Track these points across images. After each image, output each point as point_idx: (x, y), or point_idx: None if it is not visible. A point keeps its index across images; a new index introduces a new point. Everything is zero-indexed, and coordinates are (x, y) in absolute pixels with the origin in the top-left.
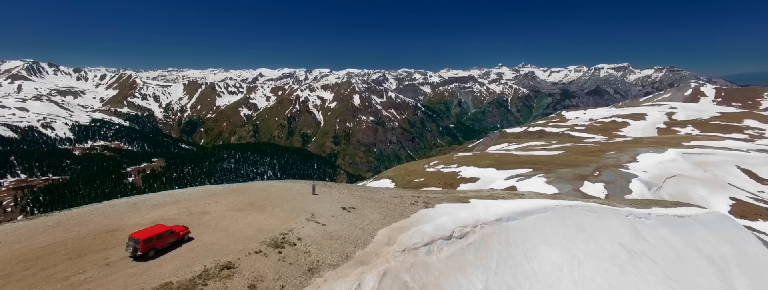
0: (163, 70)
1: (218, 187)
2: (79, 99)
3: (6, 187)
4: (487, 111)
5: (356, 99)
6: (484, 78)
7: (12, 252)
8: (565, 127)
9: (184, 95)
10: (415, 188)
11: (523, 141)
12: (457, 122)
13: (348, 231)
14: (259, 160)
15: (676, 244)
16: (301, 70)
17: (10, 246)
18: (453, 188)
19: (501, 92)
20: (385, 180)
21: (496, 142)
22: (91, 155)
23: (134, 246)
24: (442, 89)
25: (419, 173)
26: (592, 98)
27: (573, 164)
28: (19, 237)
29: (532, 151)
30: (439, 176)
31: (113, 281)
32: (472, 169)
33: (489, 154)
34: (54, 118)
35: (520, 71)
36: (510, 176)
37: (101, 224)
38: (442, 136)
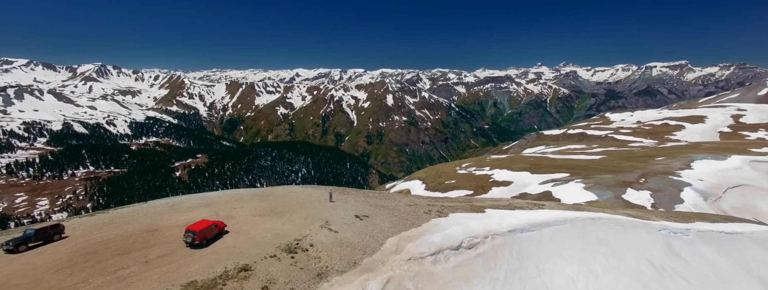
0: (208, 70)
1: (245, 191)
2: (136, 98)
3: (79, 177)
4: (523, 112)
5: (389, 99)
6: (522, 78)
7: (77, 245)
8: (608, 130)
9: (226, 95)
10: (445, 190)
11: (561, 144)
12: (491, 123)
13: (358, 239)
14: (294, 158)
15: (719, 264)
16: (336, 71)
17: (77, 240)
18: (484, 191)
19: (539, 92)
20: (416, 181)
21: (533, 144)
22: (145, 150)
23: (192, 237)
24: (476, 89)
25: (450, 175)
26: (642, 98)
27: (615, 169)
28: (84, 232)
29: (571, 155)
30: (470, 179)
31: (150, 277)
32: (505, 172)
33: (524, 157)
34: (116, 116)
35: (560, 71)
36: (545, 181)
37: (144, 223)
38: (476, 137)
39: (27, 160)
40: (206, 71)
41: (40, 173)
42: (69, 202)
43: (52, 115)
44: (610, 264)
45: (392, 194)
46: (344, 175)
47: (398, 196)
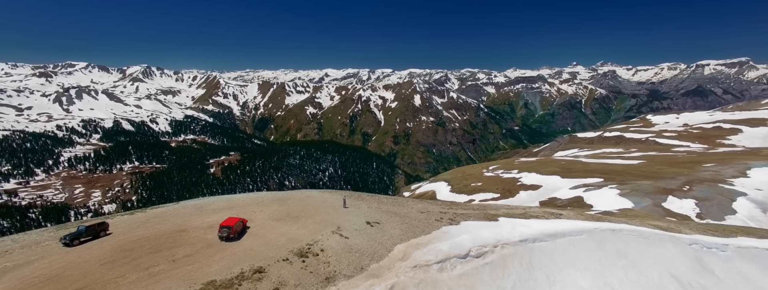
0: (241, 71)
1: (266, 195)
2: (176, 98)
3: (126, 172)
4: (556, 113)
5: (417, 99)
6: (555, 78)
7: (118, 242)
8: (649, 132)
9: (258, 94)
10: (471, 193)
11: (595, 147)
12: (522, 124)
13: (367, 245)
14: (321, 157)
15: (762, 284)
16: (365, 71)
17: (118, 237)
18: (511, 195)
19: (574, 92)
20: (442, 183)
21: (565, 147)
22: (183, 147)
23: (227, 232)
24: (507, 90)
25: (477, 177)
26: (691, 99)
27: (656, 175)
28: (124, 230)
29: (606, 159)
30: (497, 182)
31: (176, 275)
32: (533, 175)
33: (554, 160)
34: (158, 114)
35: (597, 70)
36: (576, 186)
37: (174, 224)
38: (505, 138)
39: (84, 154)
40: (240, 72)
41: (94, 166)
42: (117, 194)
43: (105, 113)
44: (628, 277)
45: (406, 200)
46: (370, 175)
47: (412, 202)
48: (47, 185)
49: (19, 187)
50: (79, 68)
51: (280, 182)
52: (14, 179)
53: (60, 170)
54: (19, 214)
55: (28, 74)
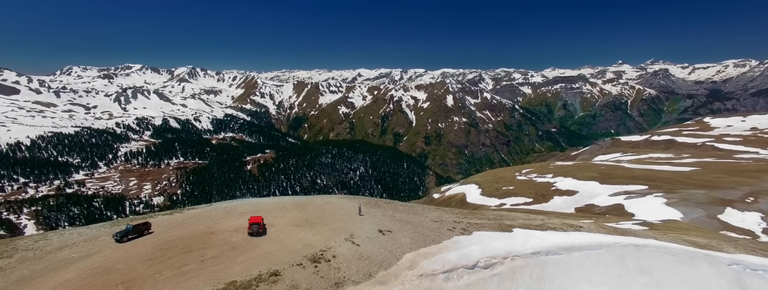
0: (278, 71)
1: (289, 200)
2: (217, 97)
3: (172, 167)
4: (598, 115)
5: (449, 100)
6: (598, 78)
7: (157, 241)
8: (707, 137)
9: (293, 94)
10: (502, 197)
11: (641, 152)
12: (560, 126)
13: (377, 253)
14: (352, 156)
15: None
16: (397, 71)
17: (158, 236)
18: (545, 200)
19: (619, 93)
20: (472, 185)
21: (606, 151)
22: (222, 144)
23: (257, 228)
24: (544, 90)
25: (508, 181)
26: (763, 99)
27: (712, 184)
28: (163, 229)
29: (652, 165)
30: (529, 186)
31: (203, 274)
32: (569, 181)
33: (593, 165)
34: (201, 113)
35: (646, 69)
36: (616, 193)
37: (205, 226)
38: (542, 141)
39: (137, 150)
40: (276, 72)
41: (145, 161)
42: (165, 188)
43: (155, 112)
44: None
45: (422, 208)
46: (401, 175)
47: (427, 211)
48: (107, 177)
49: (86, 178)
50: (135, 70)
51: (312, 181)
52: (83, 170)
53: (118, 164)
54: (86, 202)
55: (94, 76)
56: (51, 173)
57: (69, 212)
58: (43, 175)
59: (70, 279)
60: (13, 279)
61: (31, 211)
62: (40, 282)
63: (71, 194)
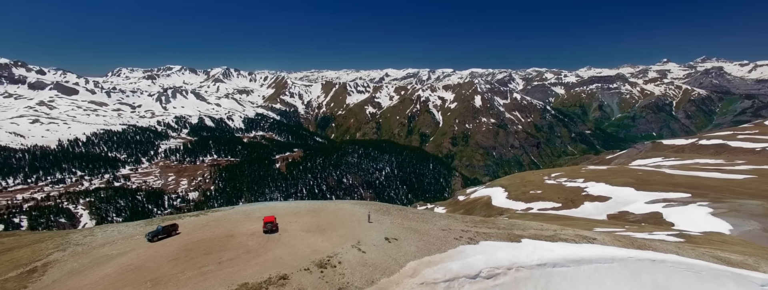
0: (307, 71)
1: (304, 206)
2: (249, 97)
3: (206, 163)
4: (638, 116)
5: (477, 100)
6: (638, 77)
7: (183, 242)
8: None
9: (321, 94)
10: (529, 201)
11: (686, 157)
12: (594, 128)
13: (381, 260)
14: (378, 156)
15: None
16: (424, 71)
17: (184, 237)
18: (575, 205)
19: (663, 93)
20: (498, 188)
21: (645, 155)
22: (253, 142)
23: (271, 226)
24: (578, 91)
25: (536, 185)
26: None
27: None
28: (190, 230)
29: (698, 171)
30: (559, 191)
31: (219, 275)
32: (602, 186)
33: (629, 170)
34: (234, 112)
35: (696, 67)
36: (654, 200)
37: (225, 229)
38: (575, 143)
39: (175, 147)
40: (305, 72)
41: (182, 158)
42: (200, 184)
43: (192, 111)
44: None
45: (432, 216)
46: (426, 176)
47: (436, 218)
48: (149, 172)
49: (131, 173)
50: (175, 71)
51: (338, 180)
52: (128, 165)
53: (158, 160)
54: (130, 196)
55: (140, 76)
56: (102, 168)
57: (116, 205)
58: (95, 169)
59: (109, 274)
60: (65, 271)
61: (86, 202)
62: (86, 275)
63: (118, 188)
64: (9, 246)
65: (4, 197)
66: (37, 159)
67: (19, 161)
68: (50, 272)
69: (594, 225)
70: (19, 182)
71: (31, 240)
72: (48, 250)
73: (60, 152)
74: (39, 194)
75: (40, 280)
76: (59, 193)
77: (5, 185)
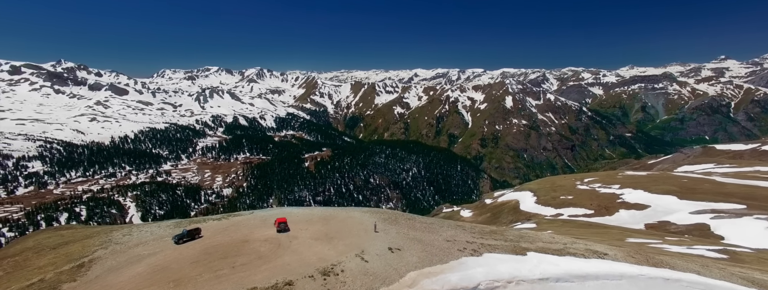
0: (337, 71)
1: (317, 212)
2: (281, 97)
3: (239, 161)
4: (687, 119)
5: (508, 101)
6: (689, 76)
7: (203, 245)
8: None
9: (350, 94)
10: (560, 206)
11: (744, 164)
12: (636, 130)
13: (382, 270)
14: (406, 157)
15: None
16: (454, 70)
17: (205, 240)
18: (609, 213)
19: (718, 93)
20: (526, 192)
21: (694, 161)
22: (283, 141)
23: (284, 226)
24: (619, 91)
25: (567, 190)
26: None
27: None
28: (211, 234)
29: (757, 180)
30: (591, 197)
31: (232, 279)
32: (640, 193)
33: (672, 176)
34: (266, 111)
35: (762, 64)
36: (701, 210)
37: (242, 234)
38: (613, 146)
39: (211, 144)
40: (335, 72)
41: (218, 155)
42: (233, 181)
43: (228, 110)
44: None
45: (440, 227)
46: (454, 177)
47: (444, 229)
48: (188, 169)
49: (172, 169)
50: (213, 72)
51: (365, 180)
52: (170, 161)
53: (196, 157)
54: (171, 190)
55: (181, 77)
56: (147, 163)
57: (159, 198)
58: (141, 164)
59: (140, 272)
60: (105, 268)
61: (133, 195)
62: (121, 272)
63: (160, 183)
64: (67, 239)
65: (68, 187)
66: (94, 154)
67: (80, 155)
68: (94, 268)
69: (628, 235)
70: (79, 174)
71: (83, 236)
72: (94, 247)
73: (112, 148)
74: (95, 187)
75: (86, 275)
76: (111, 186)
77: (69, 177)
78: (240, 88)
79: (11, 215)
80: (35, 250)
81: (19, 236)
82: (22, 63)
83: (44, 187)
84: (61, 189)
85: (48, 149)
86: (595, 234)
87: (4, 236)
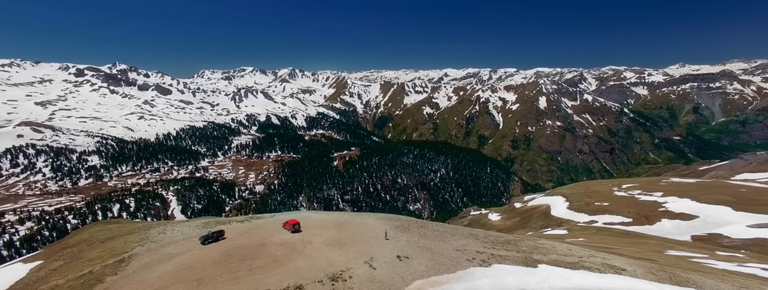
0: (366, 71)
1: (332, 218)
2: (312, 96)
3: (271, 159)
4: (751, 121)
5: (542, 101)
6: (755, 73)
7: (226, 247)
8: None
9: (379, 94)
10: (594, 213)
11: None
12: (686, 133)
13: (389, 277)
14: (434, 158)
15: None
16: (486, 70)
17: (228, 242)
18: (649, 222)
19: None
20: (558, 197)
21: (756, 168)
22: (313, 140)
23: (298, 227)
24: (666, 91)
25: (603, 196)
26: None
27: None
28: (233, 236)
29: None
30: (629, 204)
31: (248, 281)
32: (686, 202)
33: (727, 185)
34: (297, 111)
35: None
36: (762, 224)
37: (261, 237)
38: (659, 150)
39: (245, 142)
40: (365, 72)
41: (251, 153)
42: (265, 178)
43: (261, 109)
44: None
45: (452, 235)
46: (483, 179)
47: (456, 238)
48: (223, 165)
49: (209, 165)
50: (248, 72)
51: (393, 180)
52: (207, 158)
53: (231, 154)
54: (208, 186)
55: (219, 78)
56: (186, 160)
57: (197, 193)
58: (182, 160)
59: (169, 270)
60: (141, 264)
61: (174, 189)
62: (153, 269)
63: (198, 178)
64: (113, 233)
65: (120, 180)
66: (141, 150)
67: (130, 151)
68: (132, 263)
69: (669, 247)
70: (129, 168)
71: (126, 231)
72: (133, 243)
73: (157, 145)
74: (142, 180)
75: (124, 269)
76: (155, 180)
77: (120, 170)
78: (273, 87)
79: (75, 204)
80: (88, 242)
81: (80, 223)
82: (84, 66)
83: (101, 179)
84: (114, 182)
85: (104, 145)
86: (631, 244)
87: (69, 222)
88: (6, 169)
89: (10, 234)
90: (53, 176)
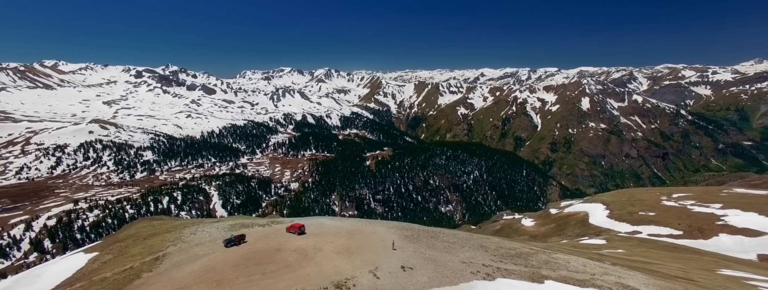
0: (401, 71)
1: (345, 226)
2: (346, 96)
3: (306, 157)
4: None
5: (585, 102)
6: None
7: (245, 251)
8: None
9: (413, 94)
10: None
11: None
12: (761, 138)
13: (391, 287)
14: (467, 159)
15: None
16: (524, 70)
17: (247, 246)
18: (703, 236)
19: None
20: (598, 205)
21: None
22: (347, 140)
23: (302, 229)
24: (735, 91)
25: (649, 205)
26: None
27: None
28: (253, 240)
29: None
30: (680, 215)
31: (261, 284)
32: (751, 216)
33: None
34: (332, 110)
35: None
36: None
37: (277, 242)
38: (723, 156)
39: (282, 141)
40: (399, 72)
41: (287, 151)
42: (300, 176)
43: (297, 108)
44: None
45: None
46: (518, 183)
47: (465, 250)
48: (261, 163)
49: (247, 162)
50: (286, 72)
51: (425, 181)
52: (246, 155)
53: (268, 152)
54: (246, 182)
55: (259, 78)
56: (227, 156)
57: (236, 189)
58: (223, 157)
59: (194, 270)
60: (172, 263)
61: (216, 185)
62: (181, 269)
63: (238, 174)
64: (155, 230)
65: (169, 175)
66: (189, 146)
67: (178, 147)
68: (165, 262)
69: (724, 265)
70: (177, 164)
71: (165, 229)
72: (168, 242)
73: (201, 142)
74: (188, 175)
75: (158, 267)
76: (199, 175)
77: (170, 165)
78: (309, 87)
79: (132, 195)
80: (134, 238)
81: (136, 213)
82: (142, 68)
83: (153, 173)
84: (164, 175)
85: (156, 141)
86: (677, 260)
87: (127, 212)
88: (80, 161)
89: (83, 219)
90: (115, 169)
